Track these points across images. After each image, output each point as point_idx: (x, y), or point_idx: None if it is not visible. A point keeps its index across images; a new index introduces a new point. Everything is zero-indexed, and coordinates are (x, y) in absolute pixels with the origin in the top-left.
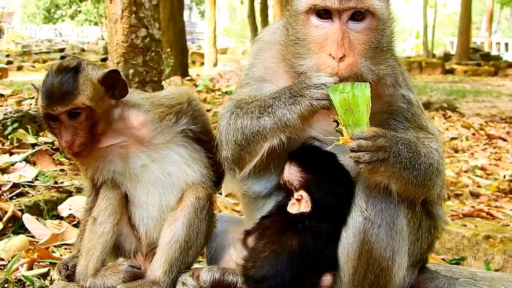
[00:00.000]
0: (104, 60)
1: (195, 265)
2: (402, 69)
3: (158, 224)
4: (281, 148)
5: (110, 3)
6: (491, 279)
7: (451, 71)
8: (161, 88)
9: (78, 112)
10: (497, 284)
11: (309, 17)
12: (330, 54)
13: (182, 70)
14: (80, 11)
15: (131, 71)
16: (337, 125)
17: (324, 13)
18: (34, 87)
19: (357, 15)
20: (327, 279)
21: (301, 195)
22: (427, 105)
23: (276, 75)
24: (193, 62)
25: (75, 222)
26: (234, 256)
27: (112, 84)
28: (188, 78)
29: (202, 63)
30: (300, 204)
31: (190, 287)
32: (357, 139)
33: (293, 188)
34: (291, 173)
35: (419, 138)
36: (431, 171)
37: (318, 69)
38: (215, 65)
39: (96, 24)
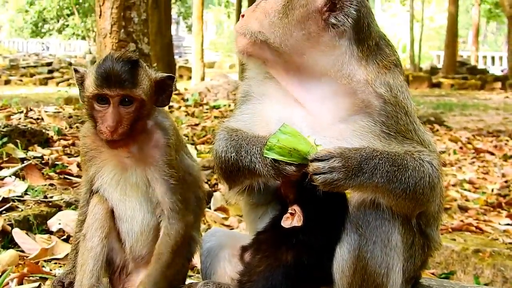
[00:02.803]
0: None
1: (190, 280)
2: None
3: (142, 238)
4: None
5: (100, 18)
6: None
7: (438, 85)
8: None
9: (131, 100)
10: None
11: None
12: None
13: None
14: (67, 25)
15: None
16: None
17: None
18: (76, 70)
19: None
20: None
21: (294, 209)
22: None
23: (262, 89)
24: (181, 76)
25: (64, 237)
26: (229, 271)
27: (162, 89)
28: (176, 92)
29: (190, 77)
30: (293, 219)
31: None
32: (312, 162)
33: (288, 201)
34: (286, 187)
35: (408, 151)
36: (423, 185)
37: None
38: (203, 79)
39: (83, 38)
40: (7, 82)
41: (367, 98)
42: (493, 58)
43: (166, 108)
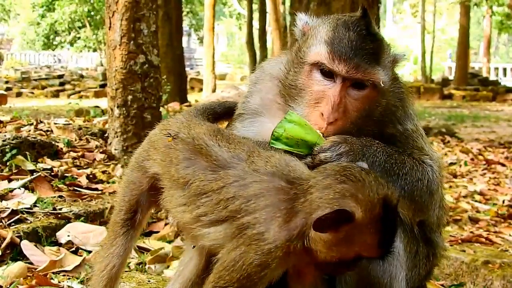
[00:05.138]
0: (103, 86)
1: None
2: (405, 101)
3: None
4: None
5: (109, 29)
6: None
7: (450, 96)
8: (160, 114)
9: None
10: None
11: (313, 69)
12: (322, 114)
13: (180, 96)
14: (79, 38)
15: (129, 97)
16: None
17: (329, 72)
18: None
19: (359, 83)
20: None
21: None
22: (426, 130)
23: (271, 107)
24: (192, 88)
25: (73, 249)
26: None
27: None
28: (187, 104)
29: (201, 89)
30: None
31: None
32: (317, 154)
33: None
34: None
35: (408, 153)
36: (421, 187)
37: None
38: (214, 91)
39: (94, 50)
40: (18, 94)
41: None
42: (504, 69)
43: None
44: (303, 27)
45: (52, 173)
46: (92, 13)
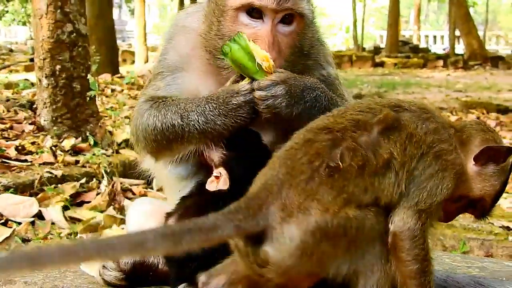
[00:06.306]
0: (33, 60)
1: None
2: (323, 49)
3: None
4: None
5: None
6: None
7: (381, 64)
8: (88, 83)
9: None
10: None
11: (238, 13)
12: None
13: (112, 68)
14: (7, 11)
15: (58, 67)
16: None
17: (255, 12)
18: None
19: (287, 18)
20: None
21: (220, 172)
22: (359, 98)
23: (191, 61)
24: (124, 60)
25: (3, 221)
26: None
27: None
28: (118, 75)
29: (133, 61)
30: (218, 182)
31: (110, 269)
32: (254, 90)
33: (213, 165)
34: (211, 150)
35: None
36: None
37: None
38: (146, 62)
39: (24, 24)
40: None
41: None
42: (434, 37)
43: (109, 91)
44: None
45: None
46: None
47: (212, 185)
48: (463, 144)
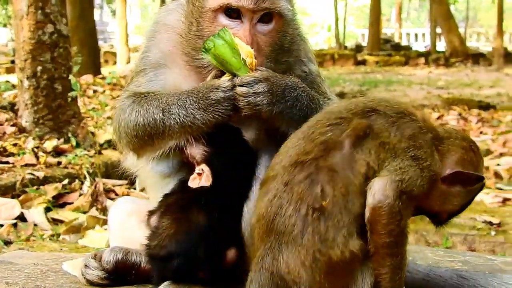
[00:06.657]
0: (14, 62)
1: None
2: (304, 45)
3: None
4: None
5: None
6: None
7: (363, 62)
8: (70, 84)
9: None
10: None
11: (216, 15)
12: None
13: (94, 69)
14: None
15: (39, 68)
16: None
17: (233, 13)
18: None
19: (265, 17)
20: (231, 253)
21: (202, 169)
22: (341, 96)
23: (173, 58)
24: (106, 61)
25: None
26: (137, 237)
27: None
28: (100, 76)
29: (115, 62)
30: (200, 178)
31: (92, 269)
32: (236, 87)
33: (195, 162)
34: (193, 147)
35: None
36: None
37: None
38: (128, 63)
39: (5, 25)
40: None
41: None
42: (416, 34)
43: (91, 92)
44: None
45: None
46: None
47: (194, 182)
48: (440, 155)
